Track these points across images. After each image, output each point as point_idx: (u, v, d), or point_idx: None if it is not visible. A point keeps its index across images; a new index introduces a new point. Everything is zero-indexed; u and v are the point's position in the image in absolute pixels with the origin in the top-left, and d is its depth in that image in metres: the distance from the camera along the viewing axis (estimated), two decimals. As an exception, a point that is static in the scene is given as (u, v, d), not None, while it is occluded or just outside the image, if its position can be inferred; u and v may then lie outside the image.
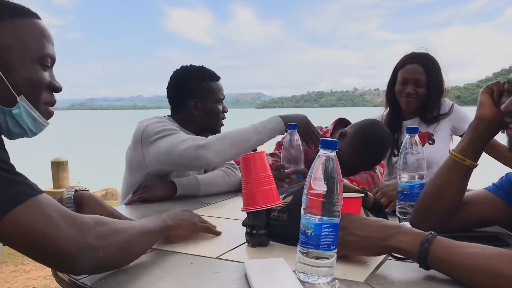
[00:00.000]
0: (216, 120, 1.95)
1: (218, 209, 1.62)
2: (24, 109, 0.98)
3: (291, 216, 1.15)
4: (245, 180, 1.13)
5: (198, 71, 1.94)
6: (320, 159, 0.88)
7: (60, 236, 0.82)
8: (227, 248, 1.12)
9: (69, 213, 0.86)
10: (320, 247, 0.88)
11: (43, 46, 1.01)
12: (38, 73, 1.00)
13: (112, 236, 0.89)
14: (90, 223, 0.87)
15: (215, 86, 1.95)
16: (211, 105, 1.93)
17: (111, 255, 0.89)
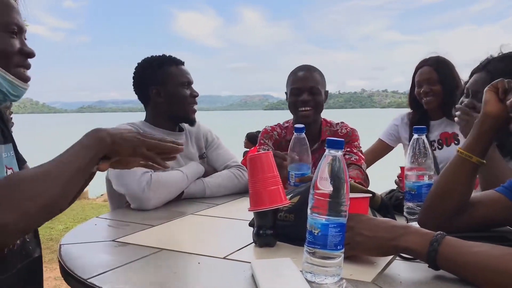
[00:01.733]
0: (183, 106, 1.88)
1: (225, 209, 1.62)
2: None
3: (298, 216, 1.14)
4: (251, 180, 1.13)
5: (155, 59, 1.91)
6: (326, 159, 0.88)
7: None
8: (234, 248, 1.12)
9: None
10: (327, 247, 0.87)
11: (7, 15, 1.09)
12: (5, 41, 1.07)
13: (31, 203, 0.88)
14: (9, 193, 0.86)
15: (175, 69, 1.89)
16: (173, 89, 1.86)
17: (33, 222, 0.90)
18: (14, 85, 1.10)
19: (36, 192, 0.89)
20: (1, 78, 1.07)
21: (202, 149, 2.01)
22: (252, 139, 7.40)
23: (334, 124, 2.14)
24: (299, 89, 2.00)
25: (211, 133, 2.06)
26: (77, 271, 0.96)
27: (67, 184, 0.95)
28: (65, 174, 0.95)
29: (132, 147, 1.12)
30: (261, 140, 2.15)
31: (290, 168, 1.58)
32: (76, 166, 0.98)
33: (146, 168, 1.61)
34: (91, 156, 1.02)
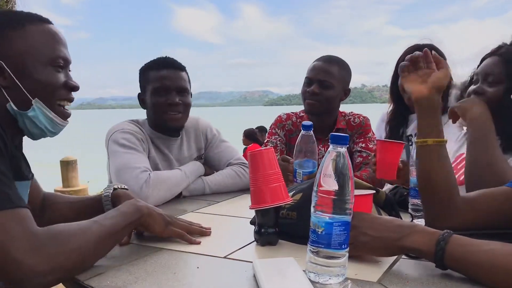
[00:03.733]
0: (158, 114, 1.77)
1: (225, 207, 1.59)
2: (40, 110, 1.06)
3: (301, 214, 1.12)
4: (253, 177, 1.10)
5: (148, 62, 1.84)
6: (330, 155, 0.85)
7: (10, 258, 0.81)
8: (235, 247, 1.09)
9: (30, 232, 0.84)
10: (331, 246, 0.85)
11: (53, 48, 1.08)
12: (50, 75, 1.07)
13: (66, 260, 0.86)
14: (47, 245, 0.84)
15: (153, 75, 1.77)
16: (149, 97, 1.78)
17: (60, 278, 0.86)
18: (54, 123, 1.10)
19: (71, 247, 0.87)
20: (43, 115, 1.07)
21: (202, 150, 1.96)
22: (249, 136, 7.36)
23: (347, 114, 2.09)
24: (310, 79, 1.96)
25: (211, 130, 2.00)
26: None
27: (99, 245, 0.94)
28: (100, 235, 0.93)
29: (165, 223, 1.12)
30: (273, 130, 2.09)
31: (297, 165, 1.55)
32: (111, 230, 0.97)
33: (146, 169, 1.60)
34: (126, 223, 1.01)
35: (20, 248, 0.81)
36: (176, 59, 1.82)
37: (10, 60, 1.03)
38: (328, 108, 1.96)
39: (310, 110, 1.96)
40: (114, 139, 1.68)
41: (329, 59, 1.97)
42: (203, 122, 2.00)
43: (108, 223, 0.97)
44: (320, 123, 1.95)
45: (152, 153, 1.78)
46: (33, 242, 0.83)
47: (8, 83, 1.03)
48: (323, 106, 1.94)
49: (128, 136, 1.69)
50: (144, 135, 1.78)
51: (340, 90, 1.97)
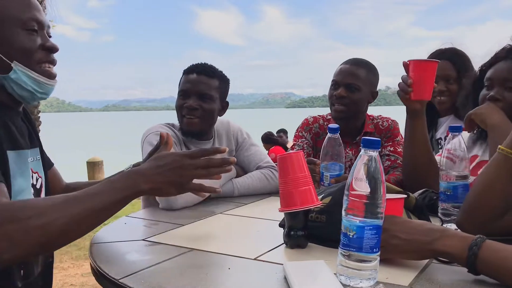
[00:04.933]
0: (178, 117, 1.85)
1: (253, 209, 1.60)
2: (21, 72, 1.08)
3: (330, 217, 1.12)
4: (282, 180, 1.11)
5: None
6: (362, 159, 0.86)
7: None
8: (265, 249, 1.10)
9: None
10: (363, 250, 0.85)
11: (25, 12, 1.10)
12: (24, 39, 1.09)
13: (24, 237, 0.82)
14: (5, 221, 0.82)
15: (182, 79, 1.86)
16: (177, 99, 1.87)
17: (20, 256, 0.84)
18: (40, 83, 1.11)
19: (33, 224, 0.83)
20: (26, 76, 1.09)
21: (232, 152, 1.98)
22: (266, 140, 7.32)
23: (375, 117, 2.08)
24: (337, 82, 1.96)
25: (241, 133, 2.02)
26: (109, 271, 0.95)
27: (74, 224, 0.89)
28: (76, 213, 0.89)
29: (175, 188, 1.04)
30: (299, 133, 2.09)
31: (324, 168, 1.55)
32: (92, 208, 0.91)
33: None
34: (115, 199, 0.95)
35: None
36: (212, 66, 1.86)
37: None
38: (355, 111, 1.96)
39: (337, 116, 1.96)
40: (148, 140, 1.73)
41: (356, 62, 1.97)
42: (233, 125, 2.03)
43: (89, 201, 0.91)
44: (347, 127, 1.95)
45: None
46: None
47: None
48: (350, 110, 1.94)
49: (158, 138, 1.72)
50: (177, 138, 1.82)
51: (368, 93, 1.96)
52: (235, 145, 1.99)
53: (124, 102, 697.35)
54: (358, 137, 2.00)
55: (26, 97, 1.13)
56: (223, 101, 1.88)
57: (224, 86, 1.88)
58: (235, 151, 1.99)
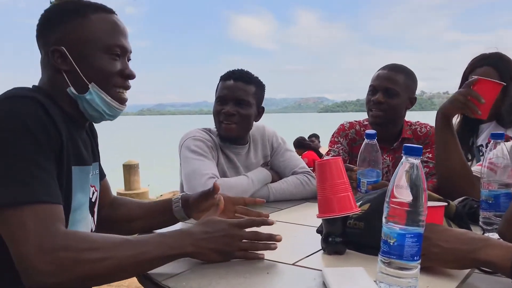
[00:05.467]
0: (216, 122, 1.88)
1: (289, 215, 1.61)
2: (96, 94, 1.11)
3: (368, 224, 1.12)
4: (320, 187, 1.11)
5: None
6: (403, 166, 0.85)
7: (20, 251, 0.85)
8: (302, 254, 1.11)
9: (47, 231, 0.86)
10: (403, 258, 0.84)
11: (111, 37, 1.13)
12: (106, 63, 1.12)
13: (75, 267, 0.86)
14: (58, 246, 0.86)
15: (219, 85, 1.88)
16: (214, 105, 1.90)
17: (66, 283, 0.86)
18: (111, 106, 1.15)
19: (86, 258, 0.87)
20: (99, 99, 1.12)
21: (268, 157, 2.00)
22: (298, 145, 7.28)
23: (413, 123, 2.06)
24: (375, 87, 1.95)
25: (277, 138, 2.03)
26: (151, 272, 0.98)
27: (121, 269, 0.92)
28: (126, 258, 0.92)
29: (222, 256, 1.03)
30: (335, 138, 2.09)
31: (361, 175, 1.55)
32: (141, 257, 0.93)
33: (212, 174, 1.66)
34: (163, 255, 0.96)
35: (31, 243, 0.84)
36: (249, 72, 1.88)
37: (71, 46, 1.10)
38: (393, 117, 1.94)
39: (374, 122, 1.95)
40: (186, 145, 1.77)
41: (394, 67, 1.96)
42: (269, 130, 2.04)
43: (139, 249, 0.94)
44: (385, 132, 1.93)
45: (220, 160, 1.84)
46: (46, 240, 0.85)
47: (69, 68, 1.10)
48: (388, 115, 1.92)
49: (199, 143, 1.77)
50: (214, 142, 1.85)
51: (406, 99, 1.94)
52: (270, 150, 2.00)
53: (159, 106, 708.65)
54: (395, 143, 1.98)
55: (95, 117, 1.16)
56: (259, 107, 1.90)
57: (260, 92, 1.90)
58: (270, 156, 2.00)
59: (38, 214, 0.88)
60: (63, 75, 1.10)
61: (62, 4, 1.16)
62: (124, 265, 0.91)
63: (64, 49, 1.09)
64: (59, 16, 1.12)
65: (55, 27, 1.11)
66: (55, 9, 1.15)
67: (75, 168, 1.09)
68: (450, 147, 1.60)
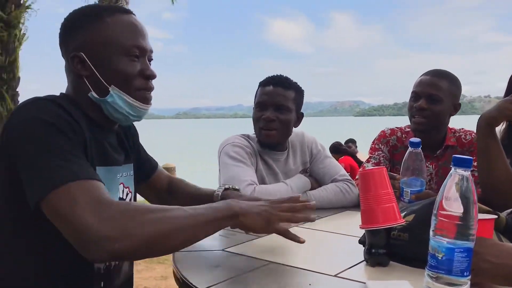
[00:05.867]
0: (255, 129, 1.88)
1: (329, 223, 1.58)
2: (117, 96, 1.12)
3: (413, 236, 1.09)
4: (363, 197, 1.09)
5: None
6: (453, 178, 0.83)
7: (79, 224, 0.85)
8: (344, 266, 1.08)
9: (99, 200, 0.88)
10: (452, 273, 0.82)
11: (128, 38, 1.13)
12: (124, 65, 1.12)
13: (137, 229, 0.88)
14: (116, 213, 0.87)
15: (259, 91, 1.88)
16: (253, 112, 1.89)
17: (130, 247, 0.87)
18: (134, 107, 1.15)
19: (143, 219, 0.90)
20: (121, 100, 1.13)
21: (307, 163, 1.98)
22: (334, 150, 7.17)
23: (457, 130, 2.01)
24: (417, 94, 1.91)
25: (316, 144, 2.01)
26: (192, 280, 0.98)
27: (177, 229, 0.94)
28: (180, 218, 0.95)
29: (266, 222, 1.08)
30: (376, 145, 2.05)
31: (404, 184, 1.51)
32: (194, 218, 0.97)
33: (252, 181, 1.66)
34: (212, 217, 1.00)
35: (88, 213, 0.85)
36: (288, 77, 1.88)
37: (90, 51, 1.11)
38: (436, 124, 1.89)
39: (416, 128, 1.91)
40: (225, 151, 1.78)
41: (437, 73, 1.91)
42: (308, 137, 2.02)
43: (192, 212, 0.97)
44: (427, 140, 1.88)
45: (259, 167, 1.83)
46: (103, 207, 0.87)
47: (89, 73, 1.11)
48: (431, 122, 1.88)
49: (238, 150, 1.78)
50: (252, 149, 1.85)
51: (450, 105, 1.89)
52: (310, 157, 1.98)
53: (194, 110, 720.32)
54: (439, 150, 1.93)
55: (120, 119, 1.17)
56: (298, 112, 1.89)
57: (300, 97, 1.89)
58: (309, 163, 1.98)
59: (86, 188, 0.90)
60: (84, 80, 1.12)
61: (79, 10, 1.18)
62: (182, 225, 0.94)
63: (83, 54, 1.11)
64: (77, 22, 1.14)
65: (74, 34, 1.13)
66: (73, 16, 1.17)
67: (100, 169, 1.11)
68: (494, 155, 1.54)
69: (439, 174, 1.92)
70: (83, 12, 1.16)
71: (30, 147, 0.95)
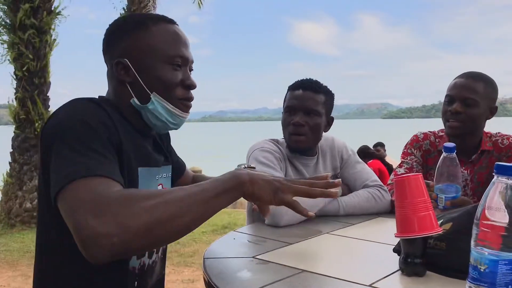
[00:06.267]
0: (285, 133, 1.85)
1: (362, 230, 1.55)
2: (158, 103, 1.13)
3: (451, 245, 1.05)
4: (399, 205, 1.06)
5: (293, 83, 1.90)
6: (496, 186, 0.79)
7: (78, 223, 0.83)
8: (379, 275, 1.05)
9: (100, 196, 0.85)
10: (496, 286, 0.78)
11: (172, 48, 1.14)
12: (167, 73, 1.14)
13: (134, 219, 0.83)
14: (113, 206, 0.83)
15: (288, 95, 1.85)
16: (282, 116, 1.87)
17: (130, 240, 0.82)
18: (174, 115, 1.16)
19: (141, 207, 0.84)
20: (161, 107, 1.14)
21: (337, 169, 1.95)
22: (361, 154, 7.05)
23: (493, 134, 1.94)
24: (452, 97, 1.85)
25: (347, 149, 1.98)
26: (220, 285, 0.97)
27: (180, 208, 0.89)
28: (182, 198, 0.90)
29: (273, 191, 1.03)
30: (408, 150, 2.00)
31: (439, 190, 1.47)
32: (197, 194, 0.92)
33: None
34: (219, 190, 0.95)
35: (85, 210, 0.82)
36: (318, 81, 1.85)
37: (134, 58, 1.13)
38: (472, 128, 1.83)
39: (452, 133, 1.85)
40: (254, 156, 1.76)
41: (472, 75, 1.85)
42: (338, 142, 1.99)
43: (194, 189, 0.93)
44: (462, 144, 1.83)
45: (289, 172, 1.81)
46: (99, 203, 0.83)
47: (131, 79, 1.13)
48: (467, 126, 1.82)
49: (267, 155, 1.76)
50: (281, 154, 1.83)
51: (486, 108, 1.83)
52: (340, 163, 1.95)
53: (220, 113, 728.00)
54: (474, 155, 1.87)
55: (159, 126, 1.18)
56: (328, 116, 1.86)
57: (330, 101, 1.86)
58: (339, 168, 1.95)
59: (92, 185, 0.87)
60: (126, 86, 1.14)
61: (125, 18, 1.20)
62: (185, 205, 0.89)
63: (127, 61, 1.12)
64: (122, 29, 1.16)
65: (119, 40, 1.15)
66: (118, 23, 1.19)
67: (142, 170, 1.11)
68: None
69: (474, 180, 1.86)
70: (128, 20, 1.18)
71: (59, 143, 0.96)
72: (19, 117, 6.94)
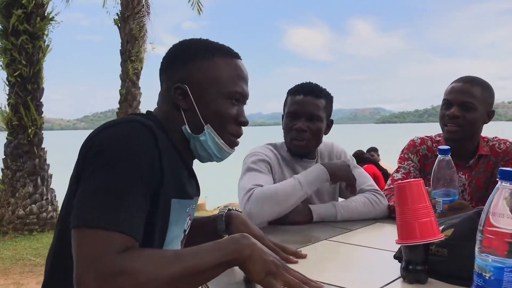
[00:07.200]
0: (286, 138, 1.86)
1: (360, 236, 1.53)
2: (210, 136, 1.11)
3: (453, 251, 1.03)
4: (400, 211, 1.04)
5: (292, 87, 1.90)
6: (500, 192, 0.78)
7: (81, 274, 0.81)
8: (380, 282, 1.03)
9: (107, 257, 0.82)
10: (501, 294, 0.76)
11: (234, 83, 1.13)
12: (225, 107, 1.12)
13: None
14: (115, 272, 0.81)
15: (289, 99, 1.86)
16: (283, 120, 1.88)
17: None
18: (221, 149, 1.14)
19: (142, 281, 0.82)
20: (212, 141, 1.12)
21: None
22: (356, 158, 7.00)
23: (490, 139, 1.94)
24: (449, 101, 1.84)
25: (345, 155, 1.99)
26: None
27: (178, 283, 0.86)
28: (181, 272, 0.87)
29: (265, 272, 0.94)
30: (405, 155, 1.99)
31: (436, 194, 1.46)
32: (196, 268, 0.89)
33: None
34: (218, 262, 0.92)
35: (90, 270, 0.80)
36: (318, 85, 1.85)
37: (194, 86, 1.11)
38: (470, 132, 1.83)
39: (450, 137, 1.84)
40: (245, 162, 1.79)
41: (469, 80, 1.85)
42: (338, 147, 2.00)
43: (193, 262, 0.89)
44: (460, 149, 1.82)
45: (287, 175, 1.81)
46: (105, 269, 0.80)
47: (188, 107, 1.11)
48: (465, 131, 1.81)
49: (255, 159, 1.78)
50: (277, 158, 1.83)
51: (483, 113, 1.82)
52: None
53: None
54: (471, 160, 1.86)
55: (203, 157, 1.16)
56: (328, 120, 1.87)
57: (330, 104, 1.87)
58: None
59: (109, 241, 0.84)
60: (181, 112, 1.11)
61: (191, 43, 1.17)
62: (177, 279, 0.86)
63: (187, 88, 1.10)
64: (187, 55, 1.13)
65: (182, 65, 1.13)
66: (184, 46, 1.16)
67: (174, 201, 1.06)
68: None
69: (472, 184, 1.85)
70: (195, 46, 1.15)
71: (100, 167, 0.91)
72: (12, 123, 6.88)
